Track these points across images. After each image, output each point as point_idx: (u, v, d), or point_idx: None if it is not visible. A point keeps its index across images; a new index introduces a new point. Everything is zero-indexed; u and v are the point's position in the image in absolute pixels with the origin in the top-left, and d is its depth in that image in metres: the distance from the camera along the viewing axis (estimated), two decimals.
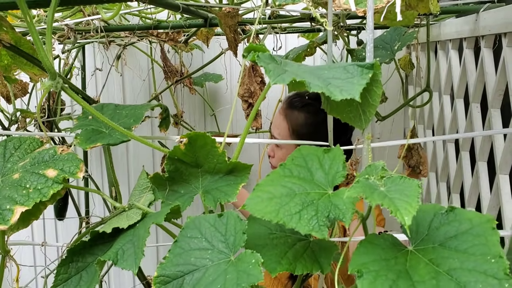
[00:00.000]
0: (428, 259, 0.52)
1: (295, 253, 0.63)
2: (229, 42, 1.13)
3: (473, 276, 0.48)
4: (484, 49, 1.20)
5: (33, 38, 0.56)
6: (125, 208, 0.69)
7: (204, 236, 0.61)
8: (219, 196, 0.68)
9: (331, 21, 0.66)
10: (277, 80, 0.58)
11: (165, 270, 0.58)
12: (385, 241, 0.56)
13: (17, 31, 0.80)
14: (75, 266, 0.66)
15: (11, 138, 0.70)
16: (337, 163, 0.60)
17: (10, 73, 0.90)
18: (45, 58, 0.57)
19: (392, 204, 0.47)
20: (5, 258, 0.78)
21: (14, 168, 0.66)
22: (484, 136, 1.21)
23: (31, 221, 0.72)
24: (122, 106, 0.78)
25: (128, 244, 0.63)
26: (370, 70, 0.61)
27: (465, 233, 0.53)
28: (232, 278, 0.56)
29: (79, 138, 0.70)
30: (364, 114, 0.65)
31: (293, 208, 0.54)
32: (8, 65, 0.90)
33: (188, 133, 0.66)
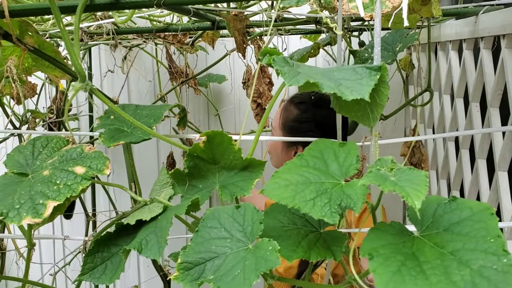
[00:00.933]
0: (433, 243, 0.56)
1: (308, 243, 0.67)
2: (238, 45, 1.17)
3: (474, 255, 0.52)
4: (484, 50, 1.24)
5: (65, 43, 0.60)
6: (146, 202, 0.73)
7: (223, 226, 0.66)
8: (235, 190, 0.72)
9: (341, 26, 0.70)
10: (292, 82, 0.62)
11: (188, 257, 0.63)
12: (393, 228, 0.60)
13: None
14: (101, 256, 0.71)
15: (39, 137, 0.74)
16: (351, 156, 0.64)
17: (30, 74, 0.94)
18: (76, 62, 0.61)
19: (403, 191, 0.51)
20: (31, 251, 0.81)
21: (43, 165, 0.70)
22: (483, 134, 1.26)
23: (56, 216, 0.76)
24: (142, 106, 0.82)
25: (151, 234, 0.67)
26: (378, 71, 0.65)
27: (467, 219, 0.57)
28: (250, 264, 0.60)
29: (103, 136, 0.74)
30: (372, 113, 0.69)
31: (308, 195, 0.59)
32: (28, 68, 0.95)
33: (206, 131, 0.70)
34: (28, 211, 0.62)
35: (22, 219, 0.61)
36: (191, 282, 0.61)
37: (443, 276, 0.52)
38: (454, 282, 0.52)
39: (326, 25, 1.35)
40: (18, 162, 0.72)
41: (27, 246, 0.81)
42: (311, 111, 1.56)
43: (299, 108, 1.56)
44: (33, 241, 0.80)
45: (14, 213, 0.62)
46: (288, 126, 1.49)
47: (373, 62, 1.47)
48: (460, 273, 0.53)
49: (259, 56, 0.70)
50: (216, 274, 0.61)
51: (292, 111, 1.57)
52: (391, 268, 0.54)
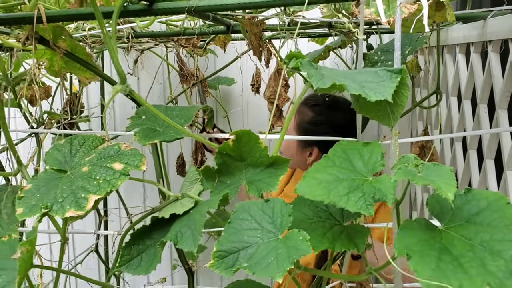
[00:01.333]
0: (460, 235, 0.60)
1: (333, 234, 0.71)
2: (254, 48, 1.22)
3: (504, 245, 0.56)
4: (492, 53, 1.29)
5: (109, 48, 0.64)
6: (178, 197, 0.77)
7: (254, 218, 0.70)
8: (261, 186, 0.76)
9: (363, 31, 0.75)
10: (319, 84, 0.66)
11: (222, 246, 0.67)
12: (418, 224, 0.64)
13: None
14: (137, 248, 0.75)
15: (76, 136, 0.78)
16: (376, 154, 0.68)
17: (60, 76, 0.98)
18: (118, 65, 0.65)
19: (435, 184, 0.55)
20: (64, 245, 0.85)
21: (81, 162, 0.74)
22: (491, 135, 1.30)
23: (89, 212, 0.80)
24: (172, 107, 0.86)
25: (185, 227, 0.71)
26: (399, 74, 0.70)
27: (485, 209, 0.61)
28: (283, 252, 0.64)
29: (138, 135, 0.78)
30: (392, 113, 0.73)
31: (342, 191, 0.63)
32: (58, 70, 0.99)
33: (235, 130, 0.74)
34: (71, 204, 0.66)
35: (66, 211, 0.65)
36: (226, 270, 0.65)
37: (481, 268, 0.56)
38: (492, 272, 0.55)
39: (339, 29, 1.40)
40: (57, 159, 0.76)
41: (60, 240, 0.84)
42: (325, 114, 1.60)
43: (313, 110, 1.60)
44: (66, 235, 0.83)
45: (58, 206, 0.66)
46: (302, 127, 1.53)
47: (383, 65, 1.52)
48: (495, 264, 0.56)
49: (285, 59, 0.74)
50: (249, 262, 0.65)
51: (307, 113, 1.61)
52: (430, 265, 0.57)
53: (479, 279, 0.53)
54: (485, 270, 0.54)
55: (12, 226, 0.78)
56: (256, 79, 2.11)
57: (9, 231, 0.76)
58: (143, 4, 0.76)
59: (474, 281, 0.53)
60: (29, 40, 0.87)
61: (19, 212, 0.66)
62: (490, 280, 0.53)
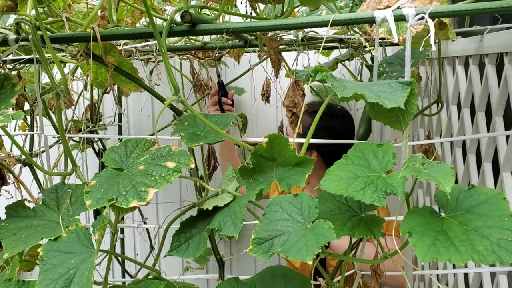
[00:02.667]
0: (458, 222, 0.72)
1: (353, 224, 0.83)
2: (273, 62, 1.34)
3: (493, 230, 0.68)
4: (488, 66, 1.41)
5: (165, 63, 0.76)
6: (218, 192, 0.89)
7: (285, 210, 0.81)
8: (291, 182, 0.88)
9: (378, 48, 0.87)
10: (343, 94, 0.78)
11: (259, 234, 0.78)
12: (425, 211, 0.76)
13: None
14: (184, 236, 0.87)
15: (129, 140, 0.90)
16: (388, 154, 0.80)
17: (104, 88, 1.10)
18: (172, 78, 0.77)
19: (436, 179, 0.67)
20: (114, 236, 0.97)
21: (136, 162, 0.86)
22: (489, 140, 1.42)
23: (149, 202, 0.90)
24: (211, 115, 0.98)
25: (226, 217, 0.83)
26: (409, 86, 0.82)
27: (484, 203, 0.73)
28: (311, 239, 0.76)
29: (184, 139, 0.90)
30: (403, 119, 0.85)
31: (358, 186, 0.75)
32: (102, 81, 1.11)
33: (269, 134, 0.86)
34: (134, 196, 0.77)
35: (130, 202, 0.77)
36: (263, 254, 0.77)
37: (470, 247, 0.68)
38: (479, 251, 0.68)
39: (349, 43, 1.53)
40: (114, 159, 0.88)
41: (111, 231, 0.96)
42: (323, 119, 1.73)
43: (311, 116, 1.74)
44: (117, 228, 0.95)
45: (122, 198, 0.78)
46: (303, 132, 1.66)
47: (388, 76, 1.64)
48: (482, 244, 0.68)
49: (311, 73, 0.86)
50: (283, 247, 0.76)
51: (306, 120, 1.74)
52: (427, 242, 0.70)
53: (466, 255, 0.66)
54: (473, 248, 0.66)
55: (72, 218, 0.90)
56: (267, 89, 2.24)
57: (71, 222, 0.87)
58: (187, 26, 0.89)
59: (461, 256, 0.66)
60: (82, 56, 0.99)
61: (88, 204, 0.78)
62: (475, 256, 0.66)
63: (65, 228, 0.84)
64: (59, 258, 0.79)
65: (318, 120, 1.74)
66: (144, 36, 0.89)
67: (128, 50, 1.39)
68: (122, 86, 1.08)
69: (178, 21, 0.90)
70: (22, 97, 1.47)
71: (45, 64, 0.91)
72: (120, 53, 0.98)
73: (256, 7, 1.36)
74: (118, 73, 1.00)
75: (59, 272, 0.76)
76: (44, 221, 0.90)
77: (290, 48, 1.74)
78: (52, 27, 1.37)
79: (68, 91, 0.91)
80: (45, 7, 1.30)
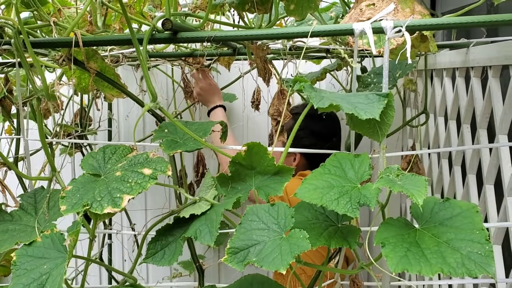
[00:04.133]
0: (431, 234, 0.73)
1: (329, 234, 0.83)
2: (259, 70, 1.34)
3: (464, 243, 0.69)
4: (474, 79, 1.42)
5: (143, 69, 0.77)
6: (196, 200, 0.89)
7: (261, 219, 0.82)
8: (269, 191, 0.88)
9: (356, 60, 0.88)
10: (319, 104, 0.79)
11: (234, 243, 0.78)
12: (399, 222, 0.77)
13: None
14: (160, 243, 0.87)
15: (107, 146, 0.90)
16: (364, 164, 0.81)
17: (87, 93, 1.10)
18: (151, 86, 0.78)
19: (409, 191, 0.68)
20: (92, 242, 0.96)
21: (114, 168, 0.86)
22: (473, 152, 1.43)
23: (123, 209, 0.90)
24: (191, 122, 0.98)
25: (203, 226, 0.83)
26: (386, 97, 0.82)
27: (457, 215, 0.74)
28: (286, 248, 0.76)
29: (162, 146, 0.90)
30: (380, 130, 0.86)
31: (333, 196, 0.75)
32: (85, 87, 1.11)
33: (247, 142, 0.86)
34: (109, 202, 0.77)
35: (104, 208, 0.77)
36: (238, 263, 0.77)
37: (440, 259, 0.69)
38: (449, 263, 0.68)
39: (335, 54, 1.53)
40: (92, 165, 0.88)
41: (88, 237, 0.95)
42: (304, 121, 1.74)
43: (294, 118, 1.75)
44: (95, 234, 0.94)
45: (97, 204, 0.78)
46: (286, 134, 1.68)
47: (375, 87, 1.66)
48: (453, 257, 0.69)
49: (291, 83, 0.87)
50: (258, 256, 0.76)
51: (289, 122, 1.76)
52: (399, 253, 0.71)
53: (436, 267, 0.66)
54: (444, 260, 0.67)
55: (49, 223, 0.89)
56: (257, 97, 2.25)
57: (47, 227, 0.87)
58: (169, 33, 0.89)
59: (431, 268, 0.67)
60: (64, 61, 0.99)
61: (63, 209, 0.78)
62: (445, 268, 0.66)
63: (40, 233, 0.84)
64: (33, 263, 0.79)
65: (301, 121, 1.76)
66: (123, 43, 0.90)
67: (115, 56, 1.39)
68: (104, 92, 1.08)
69: (160, 29, 0.90)
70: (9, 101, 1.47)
71: (26, 69, 0.91)
72: (102, 59, 0.99)
73: (243, 16, 1.36)
74: (101, 79, 1.00)
75: (32, 277, 0.76)
76: (20, 225, 0.90)
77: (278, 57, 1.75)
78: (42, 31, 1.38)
79: (49, 95, 0.91)
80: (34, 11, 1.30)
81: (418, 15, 0.95)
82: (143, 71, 0.78)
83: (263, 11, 1.20)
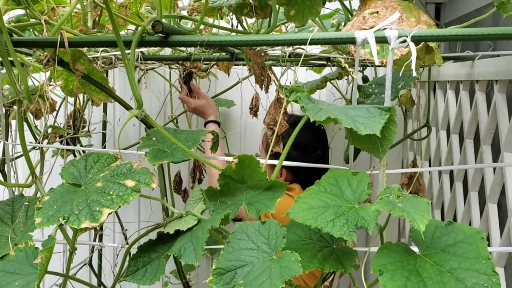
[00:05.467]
0: (433, 261, 0.67)
1: (323, 256, 0.77)
2: (257, 77, 1.29)
3: (469, 273, 0.63)
4: (478, 92, 1.37)
5: (128, 73, 0.71)
6: (182, 214, 0.83)
7: (251, 238, 0.76)
8: (260, 207, 0.83)
9: (357, 70, 0.82)
10: (315, 117, 0.73)
11: (221, 264, 0.73)
12: (398, 247, 0.71)
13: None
14: (142, 260, 0.81)
15: (90, 153, 0.85)
16: (363, 183, 0.75)
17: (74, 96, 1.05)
18: (136, 91, 0.72)
19: (410, 216, 0.62)
20: (72, 255, 0.91)
21: (95, 178, 0.80)
22: (476, 169, 1.37)
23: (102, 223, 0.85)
24: (181, 130, 0.93)
25: (188, 243, 0.77)
26: (388, 112, 0.77)
27: (461, 242, 0.68)
28: (276, 272, 0.70)
29: (148, 155, 0.85)
30: (381, 146, 0.80)
31: (328, 217, 0.70)
32: (72, 90, 1.06)
33: (238, 155, 0.81)
34: (87, 216, 0.72)
35: (81, 223, 0.71)
36: (224, 286, 0.71)
37: None
38: None
39: (336, 63, 1.48)
40: (72, 174, 0.82)
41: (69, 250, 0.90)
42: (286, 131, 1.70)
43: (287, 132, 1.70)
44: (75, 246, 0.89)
45: (74, 218, 0.72)
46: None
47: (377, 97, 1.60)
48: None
49: (286, 93, 0.81)
50: (245, 279, 0.71)
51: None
52: (398, 283, 0.65)
53: None
54: None
55: (25, 234, 0.84)
56: (255, 103, 2.20)
57: (23, 239, 0.81)
58: (160, 36, 0.84)
59: None
60: (49, 62, 0.94)
61: (37, 221, 0.73)
62: None
63: (14, 246, 0.78)
64: (3, 279, 0.73)
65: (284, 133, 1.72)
66: (109, 44, 0.85)
67: (108, 57, 1.34)
68: (92, 95, 1.03)
69: (151, 31, 0.85)
70: None
71: (8, 68, 0.86)
72: (90, 61, 0.93)
73: (242, 21, 1.31)
74: (88, 82, 0.95)
75: None
76: None
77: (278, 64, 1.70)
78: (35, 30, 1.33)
79: (30, 97, 0.86)
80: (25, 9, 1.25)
81: (423, 25, 0.89)
82: (128, 76, 0.73)
83: (262, 16, 1.15)
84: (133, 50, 0.78)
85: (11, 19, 1.46)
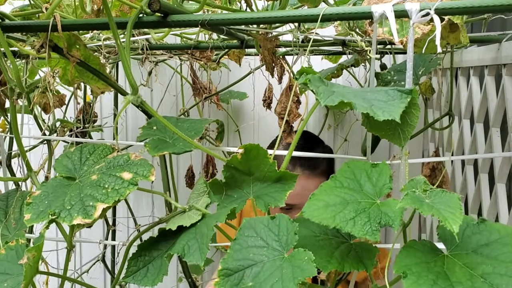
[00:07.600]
0: (463, 263, 0.59)
1: (341, 254, 0.70)
2: (267, 64, 1.22)
3: (505, 280, 0.55)
4: (506, 77, 1.28)
5: (121, 58, 0.65)
6: (185, 209, 0.77)
7: (259, 235, 0.69)
8: (269, 200, 0.76)
9: (375, 50, 0.75)
10: (327, 102, 0.66)
11: (228, 264, 0.66)
12: (424, 246, 0.63)
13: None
14: (143, 259, 0.75)
15: (86, 145, 0.79)
16: (384, 176, 0.67)
17: (73, 85, 0.99)
18: (130, 76, 0.66)
19: (441, 215, 0.54)
20: (70, 253, 0.85)
21: (90, 171, 0.74)
22: (503, 159, 1.28)
23: (96, 220, 0.80)
24: (183, 119, 0.87)
25: (192, 240, 0.71)
26: (409, 94, 0.69)
27: (495, 242, 0.60)
28: (287, 272, 0.63)
29: (147, 146, 0.78)
30: (403, 133, 0.73)
31: (348, 215, 0.62)
32: (71, 79, 1.00)
33: (244, 144, 0.74)
34: (79, 212, 0.66)
35: (73, 219, 0.65)
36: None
37: None
38: None
39: (352, 47, 1.40)
40: (66, 166, 0.76)
41: (66, 247, 0.84)
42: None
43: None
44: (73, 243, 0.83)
45: (65, 213, 0.66)
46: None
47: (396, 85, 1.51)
48: None
49: (296, 75, 0.74)
50: (255, 281, 0.64)
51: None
52: (424, 287, 0.57)
53: None
54: None
55: (19, 231, 0.78)
56: (268, 95, 2.12)
57: (16, 237, 0.76)
58: (158, 16, 0.77)
59: None
60: (43, 48, 0.88)
61: (27, 218, 0.67)
62: None
63: (4, 244, 0.73)
64: None
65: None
66: (102, 27, 0.78)
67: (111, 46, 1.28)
68: (90, 84, 0.97)
69: (149, 11, 0.78)
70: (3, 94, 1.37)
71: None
72: (85, 47, 0.87)
73: (251, 4, 1.24)
74: (85, 69, 0.89)
75: None
76: None
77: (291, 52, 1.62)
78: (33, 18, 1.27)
79: (22, 86, 0.80)
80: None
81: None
82: (121, 59, 0.66)
83: None
84: (129, 31, 0.71)
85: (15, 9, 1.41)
